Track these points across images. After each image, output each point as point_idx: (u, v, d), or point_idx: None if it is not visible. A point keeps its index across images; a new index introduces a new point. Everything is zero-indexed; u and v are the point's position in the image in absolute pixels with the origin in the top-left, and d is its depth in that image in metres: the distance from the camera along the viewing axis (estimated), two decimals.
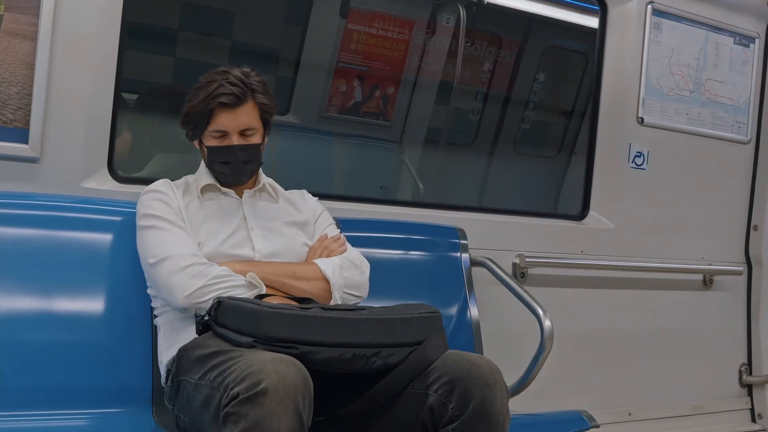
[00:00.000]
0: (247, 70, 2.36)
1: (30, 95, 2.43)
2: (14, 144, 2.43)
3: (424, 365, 1.98)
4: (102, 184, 2.58)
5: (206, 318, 2.00)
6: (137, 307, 2.35)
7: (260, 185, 2.46)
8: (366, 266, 2.43)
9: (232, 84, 2.28)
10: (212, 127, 2.31)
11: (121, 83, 2.63)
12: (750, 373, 4.13)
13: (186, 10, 4.47)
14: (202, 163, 2.43)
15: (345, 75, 4.77)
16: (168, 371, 2.18)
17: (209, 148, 2.33)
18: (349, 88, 4.80)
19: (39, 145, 2.46)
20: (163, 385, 2.21)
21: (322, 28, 4.52)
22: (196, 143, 2.39)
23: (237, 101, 2.29)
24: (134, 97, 3.75)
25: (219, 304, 1.99)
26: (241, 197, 2.42)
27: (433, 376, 1.96)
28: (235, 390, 1.71)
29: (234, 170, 2.34)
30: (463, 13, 4.80)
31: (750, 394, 4.14)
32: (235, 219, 2.36)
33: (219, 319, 1.98)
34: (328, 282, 2.30)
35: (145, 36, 4.12)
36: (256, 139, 2.35)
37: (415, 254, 3.01)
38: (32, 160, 2.47)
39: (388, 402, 1.99)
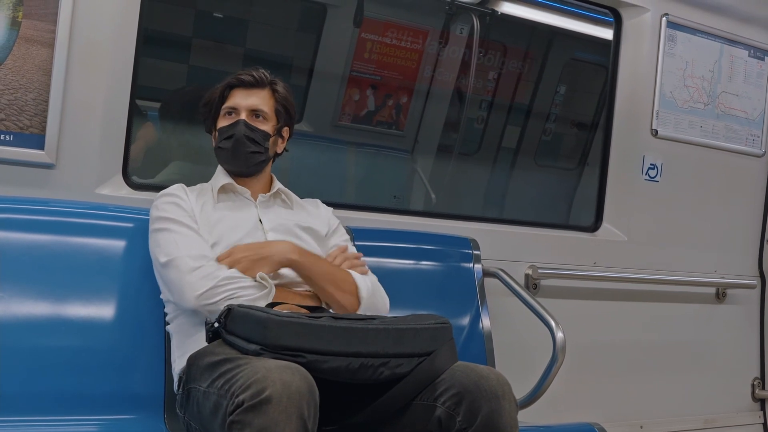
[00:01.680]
0: None
1: (46, 101, 2.45)
2: (30, 150, 2.44)
3: (433, 376, 1.97)
4: (116, 190, 2.59)
5: (216, 326, 2.00)
6: (149, 314, 2.35)
7: (274, 190, 2.47)
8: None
9: (256, 71, 2.41)
10: (225, 104, 2.39)
11: (137, 90, 2.65)
12: (763, 387, 4.10)
13: (200, 18, 4.49)
14: (219, 167, 2.45)
15: (358, 84, 4.78)
16: (180, 379, 2.18)
17: (219, 129, 2.40)
18: (362, 97, 4.81)
19: (54, 152, 2.47)
20: (175, 393, 2.21)
21: (335, 36, 4.52)
22: (213, 137, 2.44)
23: (254, 82, 2.39)
24: (147, 104, 3.76)
25: (229, 311, 1.98)
26: (255, 200, 2.43)
27: (441, 387, 1.95)
28: (240, 398, 1.71)
29: (236, 147, 2.36)
30: (476, 23, 4.81)
31: (763, 408, 4.12)
32: (250, 220, 2.37)
33: (228, 327, 1.97)
34: (359, 301, 2.33)
35: (160, 43, 4.14)
36: (265, 127, 2.39)
37: (427, 264, 3.00)
38: (48, 166, 2.48)
39: (396, 413, 1.97)
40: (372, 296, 2.36)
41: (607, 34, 3.82)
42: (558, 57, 5.17)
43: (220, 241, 2.28)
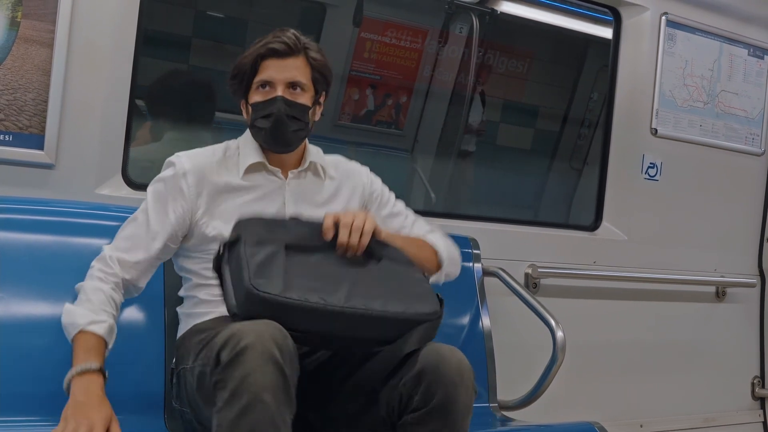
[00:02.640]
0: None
1: (46, 102, 2.44)
2: (29, 150, 2.44)
3: (395, 359, 1.95)
4: (116, 190, 2.59)
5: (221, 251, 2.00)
6: (149, 314, 2.35)
7: (306, 164, 2.31)
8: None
9: (285, 36, 2.20)
10: (258, 77, 2.19)
11: (136, 90, 2.65)
12: (763, 386, 4.10)
13: (200, 18, 4.49)
14: (248, 134, 2.29)
15: (358, 83, 4.78)
16: (171, 370, 2.21)
17: (253, 104, 2.21)
18: (362, 97, 4.82)
19: (54, 152, 2.47)
20: (171, 386, 2.22)
21: (335, 36, 4.53)
22: (243, 107, 2.26)
23: (288, 50, 2.18)
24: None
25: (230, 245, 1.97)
26: (286, 177, 2.28)
27: (406, 367, 1.94)
28: (220, 357, 1.75)
29: (276, 125, 2.17)
30: (476, 22, 4.81)
31: (763, 407, 4.12)
32: (273, 204, 2.24)
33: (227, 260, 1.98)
34: (440, 264, 2.35)
35: (160, 43, 4.15)
36: (304, 99, 2.21)
37: None
38: (47, 167, 2.48)
39: (367, 399, 1.99)
40: (450, 260, 2.37)
41: None
42: (592, 64, 5.22)
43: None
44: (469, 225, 3.29)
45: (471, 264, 2.97)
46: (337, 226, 2.02)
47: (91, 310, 2.04)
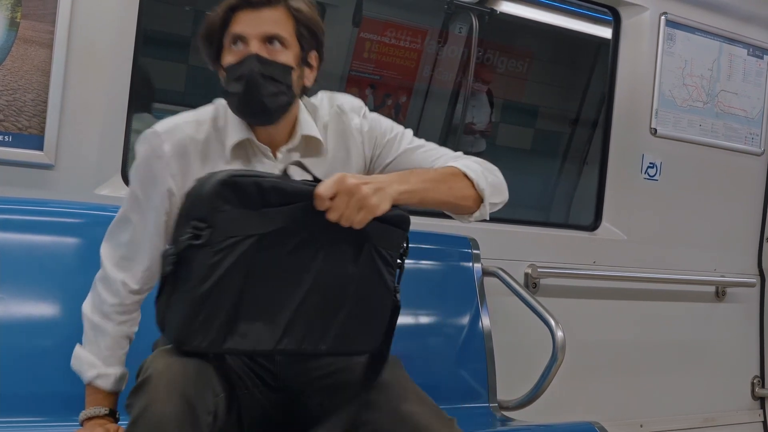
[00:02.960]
0: None
1: (45, 102, 2.44)
2: (29, 151, 2.44)
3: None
4: (115, 191, 2.59)
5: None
6: (149, 313, 2.35)
7: (297, 140, 1.92)
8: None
9: None
10: (229, 31, 1.84)
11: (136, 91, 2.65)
12: (763, 386, 4.10)
13: (199, 18, 4.49)
14: (230, 112, 1.91)
15: (357, 83, 4.78)
16: None
17: (227, 68, 1.85)
18: (362, 97, 4.81)
19: (54, 152, 2.47)
20: None
21: (334, 36, 4.52)
22: (219, 73, 1.91)
23: (262, 0, 1.83)
24: None
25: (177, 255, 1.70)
26: (276, 157, 1.91)
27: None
28: (137, 380, 1.69)
29: (248, 89, 1.80)
30: (475, 22, 4.81)
31: (763, 406, 4.12)
32: None
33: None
34: (481, 196, 1.92)
35: (159, 43, 4.14)
36: (285, 58, 1.84)
37: (426, 264, 3.00)
38: (47, 167, 2.48)
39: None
40: (491, 187, 1.93)
41: None
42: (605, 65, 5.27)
43: None
44: (469, 225, 3.28)
45: (470, 264, 2.97)
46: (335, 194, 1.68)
47: (99, 357, 1.93)
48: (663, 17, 3.60)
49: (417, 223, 3.16)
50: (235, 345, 1.69)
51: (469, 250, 3.00)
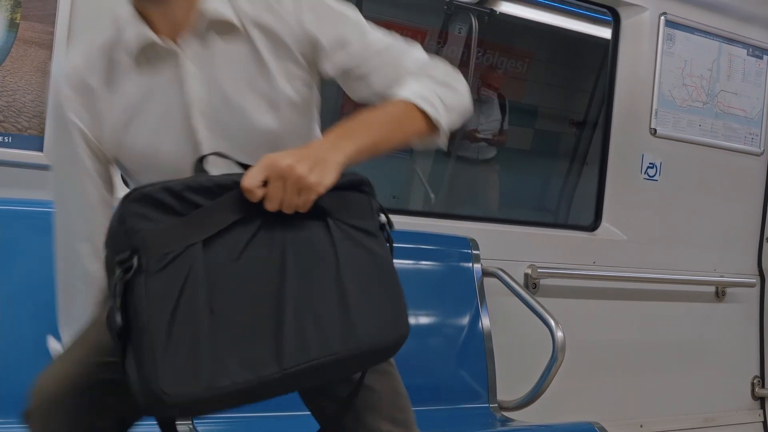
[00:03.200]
0: None
1: (45, 103, 2.44)
2: (29, 152, 2.43)
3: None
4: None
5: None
6: None
7: (202, 18, 1.51)
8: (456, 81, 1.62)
9: None
10: None
11: None
12: (763, 386, 4.10)
13: None
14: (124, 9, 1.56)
15: None
16: None
17: None
18: None
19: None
20: None
21: None
22: None
23: None
24: None
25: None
26: (182, 49, 1.54)
27: None
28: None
29: None
30: (475, 22, 4.82)
31: (763, 406, 4.12)
32: (170, 93, 1.54)
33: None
34: (437, 125, 1.55)
35: None
36: None
37: (426, 264, 3.00)
38: (47, 168, 2.47)
39: None
40: (450, 113, 1.57)
41: None
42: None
43: (133, 144, 1.58)
44: (469, 225, 3.29)
45: (470, 264, 2.98)
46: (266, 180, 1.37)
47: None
48: (662, 17, 3.60)
49: (417, 224, 3.19)
50: (236, 376, 1.33)
51: (469, 251, 3.00)
